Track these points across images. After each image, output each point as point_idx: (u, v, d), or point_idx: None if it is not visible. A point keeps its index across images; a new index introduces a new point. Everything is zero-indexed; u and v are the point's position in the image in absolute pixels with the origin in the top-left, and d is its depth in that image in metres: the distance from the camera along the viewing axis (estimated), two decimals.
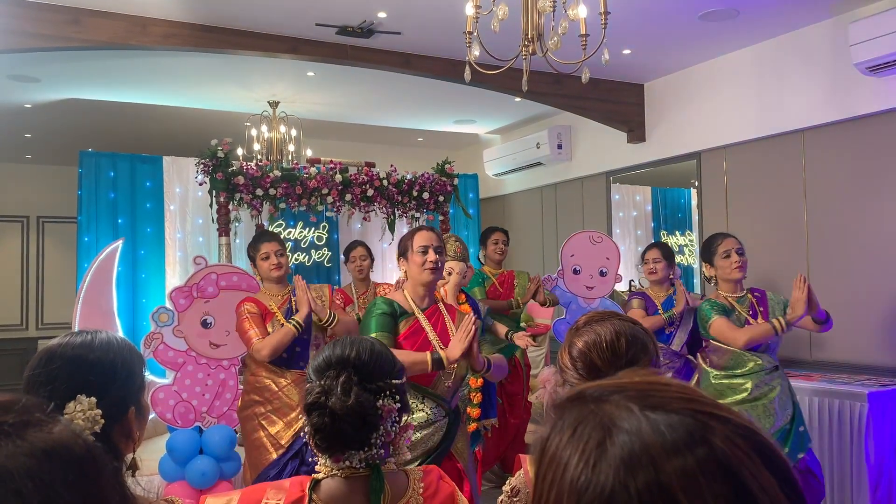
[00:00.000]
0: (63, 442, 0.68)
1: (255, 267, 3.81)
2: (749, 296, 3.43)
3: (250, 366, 3.73)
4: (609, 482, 0.52)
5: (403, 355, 2.55)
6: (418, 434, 2.63)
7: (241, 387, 3.92)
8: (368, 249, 5.16)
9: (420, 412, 2.67)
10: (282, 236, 5.85)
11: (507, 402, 4.87)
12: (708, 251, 3.47)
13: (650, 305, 4.28)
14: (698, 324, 3.52)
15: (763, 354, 3.32)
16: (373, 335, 2.63)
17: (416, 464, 2.45)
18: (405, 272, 2.83)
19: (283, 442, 3.51)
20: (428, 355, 2.62)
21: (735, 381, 3.30)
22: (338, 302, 4.08)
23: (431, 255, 2.77)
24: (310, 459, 3.21)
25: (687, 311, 4.10)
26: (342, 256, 5.41)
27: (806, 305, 3.23)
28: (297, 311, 3.58)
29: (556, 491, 0.56)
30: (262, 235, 3.90)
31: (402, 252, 2.85)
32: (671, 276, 4.39)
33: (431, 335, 2.76)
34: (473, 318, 2.66)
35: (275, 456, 3.49)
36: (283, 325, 3.55)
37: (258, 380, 3.63)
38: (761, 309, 3.37)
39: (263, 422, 3.55)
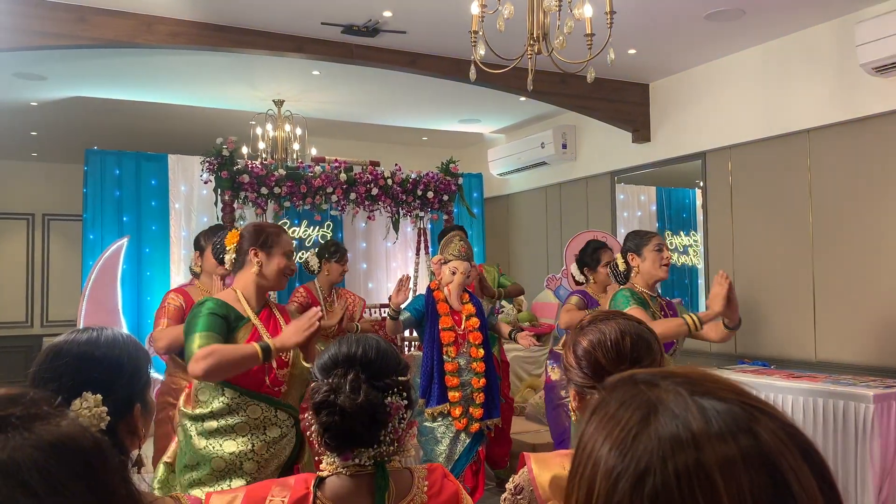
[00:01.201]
0: (70, 435, 0.69)
1: (201, 257, 3.57)
2: (659, 299, 3.29)
3: (169, 366, 3.60)
4: (647, 456, 0.53)
5: (231, 351, 2.33)
6: (273, 449, 2.41)
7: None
8: None
9: (274, 427, 2.42)
10: None
11: None
12: (640, 239, 3.26)
13: (591, 303, 4.19)
14: None
15: (673, 357, 3.11)
16: (198, 333, 2.33)
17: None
18: (259, 265, 2.52)
19: None
20: (256, 346, 2.32)
21: None
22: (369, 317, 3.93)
23: (293, 264, 2.63)
24: None
25: None
26: (328, 256, 4.63)
27: (724, 302, 2.97)
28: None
29: (593, 462, 0.56)
30: (218, 228, 3.76)
31: (262, 245, 2.54)
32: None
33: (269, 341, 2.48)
34: (317, 313, 2.38)
35: None
36: None
37: (174, 381, 3.51)
38: (671, 313, 3.24)
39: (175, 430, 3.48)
